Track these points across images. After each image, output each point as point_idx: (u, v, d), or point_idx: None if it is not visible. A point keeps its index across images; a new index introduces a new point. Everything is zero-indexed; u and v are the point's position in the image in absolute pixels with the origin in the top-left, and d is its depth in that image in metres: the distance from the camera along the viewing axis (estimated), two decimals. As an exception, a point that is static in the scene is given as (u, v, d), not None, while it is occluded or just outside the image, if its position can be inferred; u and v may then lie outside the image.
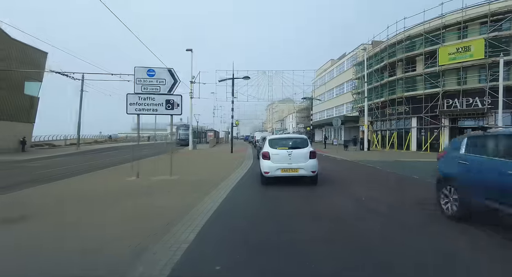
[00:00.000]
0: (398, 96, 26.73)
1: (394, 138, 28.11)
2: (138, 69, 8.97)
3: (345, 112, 41.66)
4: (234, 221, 4.84)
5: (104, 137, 55.30)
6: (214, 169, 11.68)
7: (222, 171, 10.69)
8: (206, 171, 11.06)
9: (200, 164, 13.55)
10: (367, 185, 8.23)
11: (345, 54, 43.26)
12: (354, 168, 12.10)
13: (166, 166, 10.12)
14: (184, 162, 14.38)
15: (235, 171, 10.98)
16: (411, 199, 6.25)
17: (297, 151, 8.04)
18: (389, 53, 28.12)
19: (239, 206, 5.88)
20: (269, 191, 7.28)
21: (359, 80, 35.14)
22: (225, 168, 11.65)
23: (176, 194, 6.72)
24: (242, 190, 7.47)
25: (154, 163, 12.99)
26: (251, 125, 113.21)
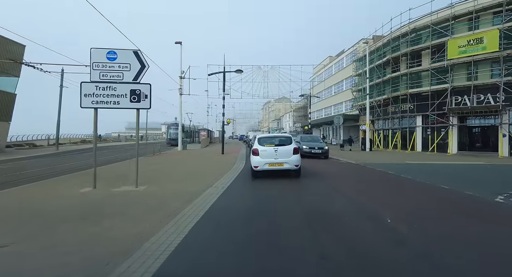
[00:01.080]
0: (402, 93, 25.07)
1: (397, 137, 26.45)
2: (95, 51, 7.08)
3: (344, 110, 40.00)
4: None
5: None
6: (198, 174, 9.83)
7: (206, 177, 8.85)
8: (187, 177, 9.20)
9: (184, 168, 11.69)
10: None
11: (344, 51, 41.59)
12: (364, 175, 10.26)
13: (143, 171, 8.31)
14: (166, 166, 12.51)
15: (222, 176, 9.15)
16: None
17: (282, 148, 9.08)
18: (393, 48, 26.45)
19: (215, 240, 3.99)
20: (263, 206, 5.48)
21: (360, 76, 33.49)
22: (211, 173, 9.82)
23: (130, 217, 4.86)
24: (224, 208, 5.64)
25: (129, 167, 11.09)
26: (248, 124, 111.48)
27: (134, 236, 3.82)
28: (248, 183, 8.21)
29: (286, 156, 8.96)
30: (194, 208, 5.37)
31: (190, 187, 7.36)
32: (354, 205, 5.79)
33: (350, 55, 38.32)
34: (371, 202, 5.99)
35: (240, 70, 17.72)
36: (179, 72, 25.53)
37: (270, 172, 9.08)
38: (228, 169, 10.96)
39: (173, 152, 22.58)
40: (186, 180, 8.53)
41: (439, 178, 8.98)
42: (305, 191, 7.35)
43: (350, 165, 12.94)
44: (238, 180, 8.71)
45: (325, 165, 12.63)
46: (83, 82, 7.03)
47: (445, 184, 7.85)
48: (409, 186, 7.97)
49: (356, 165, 12.64)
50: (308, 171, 10.30)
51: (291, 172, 9.27)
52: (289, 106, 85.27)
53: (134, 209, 5.29)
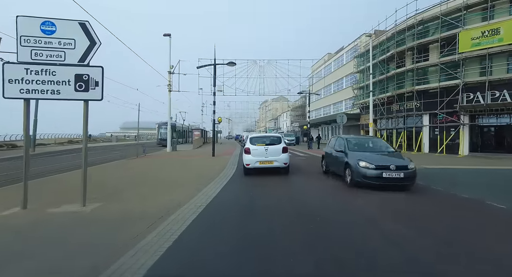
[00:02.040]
0: (408, 90, 23.38)
1: (402, 138, 24.76)
2: (23, 20, 5.18)
3: (344, 109, 38.29)
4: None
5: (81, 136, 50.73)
6: (175, 185, 7.96)
7: (184, 190, 7.01)
8: (161, 189, 7.33)
9: (162, 175, 9.80)
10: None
11: (343, 47, 39.88)
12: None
13: (113, 178, 6.47)
14: (142, 171, 10.63)
15: (205, 187, 7.31)
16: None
17: (272, 147, 9.74)
18: (397, 41, 24.75)
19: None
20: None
21: (361, 73, 31.82)
22: (193, 183, 7.97)
23: (46, 260, 2.99)
24: (187, 256, 3.78)
25: (96, 174, 9.20)
26: (244, 124, 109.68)
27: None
28: (235, 202, 6.31)
29: (276, 154, 9.63)
30: (150, 247, 3.51)
31: (156, 205, 5.49)
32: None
33: (351, 51, 36.62)
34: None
35: (232, 62, 15.85)
36: (167, 65, 23.63)
37: (261, 169, 9.75)
38: (216, 176, 9.11)
39: (160, 154, 20.67)
40: (157, 194, 6.66)
41: (490, 191, 7.25)
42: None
43: None
44: (223, 194, 6.85)
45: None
46: (6, 63, 5.13)
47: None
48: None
49: None
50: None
51: (280, 170, 9.90)
52: (286, 105, 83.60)
53: (47, 253, 3.40)
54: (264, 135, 11.49)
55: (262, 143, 9.90)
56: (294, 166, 11.63)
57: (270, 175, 9.67)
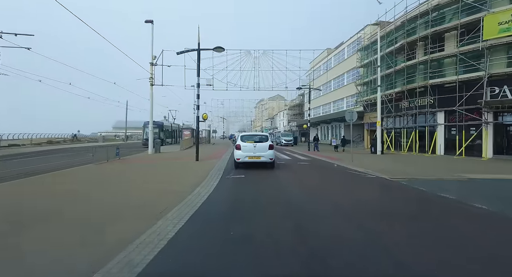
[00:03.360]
0: (420, 85, 20.84)
1: (413, 138, 22.21)
2: None
3: (346, 107, 35.71)
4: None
5: (68, 136, 47.68)
6: (122, 215, 5.18)
7: (126, 226, 4.27)
8: (97, 218, 4.57)
9: (97, 197, 6.91)
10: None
11: (343, 42, 37.29)
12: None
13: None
14: (74, 190, 7.78)
15: (150, 229, 4.57)
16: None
17: (260, 144, 11.16)
18: (407, 31, 22.20)
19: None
20: None
21: (365, 67, 29.27)
22: (145, 212, 5.23)
23: None
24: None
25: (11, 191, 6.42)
26: (240, 123, 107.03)
27: None
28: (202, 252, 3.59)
29: (263, 151, 10.95)
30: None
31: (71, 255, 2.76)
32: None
33: (353, 44, 34.06)
34: None
35: (220, 47, 13.11)
36: (149, 56, 20.81)
37: (249, 163, 11.06)
38: (185, 196, 6.36)
39: (138, 157, 17.88)
40: (85, 231, 3.91)
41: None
42: None
43: (388, 185, 8.31)
44: (192, 222, 4.11)
45: (346, 187, 8.29)
46: None
47: None
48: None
49: (385, 182, 8.18)
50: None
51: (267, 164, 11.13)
52: (283, 104, 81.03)
53: None
54: (254, 133, 13.00)
55: (251, 141, 11.29)
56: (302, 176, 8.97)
57: (263, 197, 7.01)
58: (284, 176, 9.21)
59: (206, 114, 13.74)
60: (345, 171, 10.46)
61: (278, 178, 8.61)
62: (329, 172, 10.29)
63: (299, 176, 9.31)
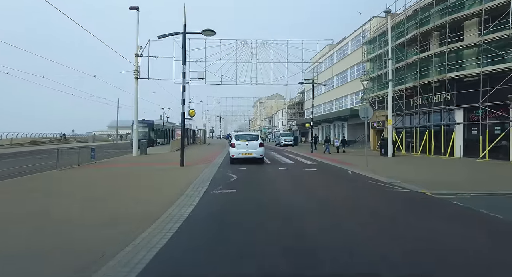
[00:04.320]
0: (436, 80, 18.74)
1: (426, 138, 20.11)
2: None
3: (349, 105, 33.64)
4: None
5: (56, 136, 45.29)
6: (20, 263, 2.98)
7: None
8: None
9: (53, 214, 4.80)
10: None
11: (345, 38, 35.14)
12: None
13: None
14: (18, 204, 5.58)
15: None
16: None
17: (252, 142, 13.01)
18: (421, 20, 20.10)
19: None
20: None
21: (371, 62, 27.14)
22: (89, 249, 3.07)
23: None
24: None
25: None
26: (237, 123, 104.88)
27: None
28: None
29: (254, 148, 12.88)
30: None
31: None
32: None
33: (357, 38, 31.98)
34: None
35: (210, 30, 10.92)
36: (135, 47, 18.64)
37: (243, 159, 12.85)
38: (149, 225, 4.18)
39: (117, 160, 15.70)
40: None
41: None
42: None
43: (437, 206, 5.58)
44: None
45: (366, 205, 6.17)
46: None
47: None
48: None
49: (462, 211, 5.76)
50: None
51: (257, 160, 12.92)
52: (282, 103, 78.94)
53: None
54: (246, 133, 15.74)
55: (244, 139, 13.01)
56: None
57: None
58: (288, 189, 7.08)
59: (193, 110, 11.61)
60: (365, 182, 8.19)
61: (282, 194, 6.48)
62: (346, 184, 8.01)
63: (310, 190, 6.98)
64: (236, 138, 13.32)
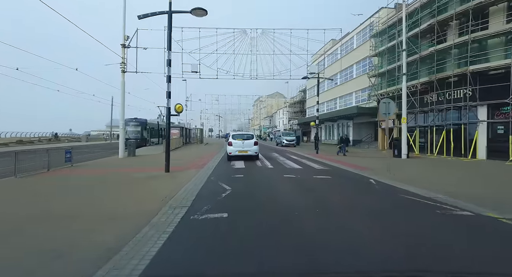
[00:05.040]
0: (456, 73, 16.85)
1: (443, 138, 18.24)
2: None
3: (355, 102, 31.75)
4: None
5: (48, 135, 43.45)
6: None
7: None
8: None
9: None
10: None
11: (349, 33, 33.16)
12: None
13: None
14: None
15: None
16: None
17: (247, 141, 14.56)
18: (438, 7, 18.21)
19: None
20: None
21: (380, 56, 25.28)
22: None
23: None
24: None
25: None
26: (237, 121, 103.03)
27: None
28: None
29: (250, 146, 14.38)
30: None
31: None
32: None
33: (363, 31, 30.10)
34: None
35: (201, 9, 9.02)
36: (121, 37, 16.76)
37: (239, 156, 14.31)
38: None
39: (97, 163, 13.80)
40: None
41: None
42: None
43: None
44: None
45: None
46: None
47: None
48: None
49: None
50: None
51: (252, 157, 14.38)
52: (282, 102, 77.01)
53: None
54: (242, 133, 17.22)
55: (240, 139, 14.79)
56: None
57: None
58: (301, 212, 5.05)
59: (181, 105, 9.59)
60: (400, 197, 5.97)
61: (293, 222, 4.48)
62: (378, 202, 5.84)
63: (336, 217, 4.64)
64: (233, 138, 14.83)
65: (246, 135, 15.42)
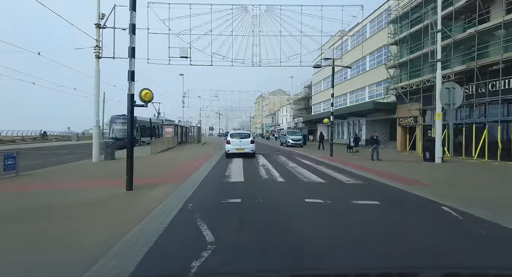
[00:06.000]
0: (505, 58, 13.76)
1: (486, 138, 15.15)
2: None
3: (368, 98, 28.64)
4: None
5: (36, 133, 40.71)
6: None
7: None
8: None
9: None
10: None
11: (359, 23, 29.81)
12: None
13: None
14: None
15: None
16: None
17: (244, 140, 15.38)
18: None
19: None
20: None
21: (400, 45, 22.19)
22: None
23: None
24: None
25: None
26: (239, 119, 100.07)
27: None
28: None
29: (246, 144, 15.17)
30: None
31: None
32: None
33: (378, 18, 26.97)
34: None
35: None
36: (95, 16, 13.81)
37: (237, 154, 14.91)
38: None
39: (56, 171, 10.82)
40: None
41: None
42: None
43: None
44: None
45: None
46: None
47: None
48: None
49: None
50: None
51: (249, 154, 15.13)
52: (285, 99, 73.90)
53: None
54: (239, 132, 17.86)
55: (238, 137, 15.61)
56: None
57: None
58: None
59: (149, 91, 6.51)
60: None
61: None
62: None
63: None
64: (231, 136, 15.75)
65: (244, 134, 16.36)
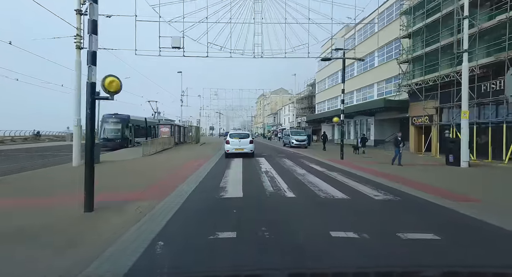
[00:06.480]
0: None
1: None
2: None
3: (377, 96, 26.93)
4: None
5: (30, 133, 39.26)
6: None
7: None
8: None
9: None
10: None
11: (365, 17, 28.03)
12: None
13: None
14: None
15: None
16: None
17: (243, 140, 15.59)
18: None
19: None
20: None
21: (413, 37, 20.51)
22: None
23: None
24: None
25: None
26: (240, 119, 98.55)
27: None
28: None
29: (245, 144, 15.34)
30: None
31: None
32: None
33: (388, 10, 25.28)
34: None
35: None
36: (76, 2, 12.25)
37: (236, 154, 15.09)
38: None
39: (15, 180, 9.22)
40: None
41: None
42: None
43: None
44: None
45: None
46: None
47: None
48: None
49: None
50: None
51: (248, 154, 15.34)
52: (287, 98, 72.20)
53: None
54: (239, 132, 18.06)
55: (237, 137, 15.79)
56: None
57: None
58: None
59: (116, 79, 4.89)
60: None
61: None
62: None
63: None
64: (231, 136, 15.98)
65: (243, 134, 16.64)
